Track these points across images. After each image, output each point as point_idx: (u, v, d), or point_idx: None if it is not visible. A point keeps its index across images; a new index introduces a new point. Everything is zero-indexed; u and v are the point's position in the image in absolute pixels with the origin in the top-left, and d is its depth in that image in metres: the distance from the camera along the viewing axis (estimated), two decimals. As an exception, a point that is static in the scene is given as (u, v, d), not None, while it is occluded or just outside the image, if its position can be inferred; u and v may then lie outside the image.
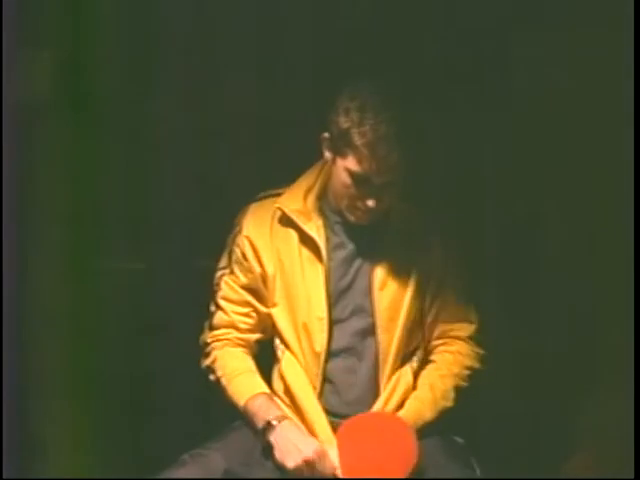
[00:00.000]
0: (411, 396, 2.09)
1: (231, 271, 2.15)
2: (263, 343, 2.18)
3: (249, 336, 2.16)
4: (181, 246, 2.53)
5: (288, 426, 2.02)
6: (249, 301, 2.14)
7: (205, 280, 2.20)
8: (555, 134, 2.43)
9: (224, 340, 2.16)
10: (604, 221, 2.36)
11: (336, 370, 2.10)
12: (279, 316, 2.12)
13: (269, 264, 2.11)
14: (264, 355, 2.18)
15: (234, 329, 2.15)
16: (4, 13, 2.01)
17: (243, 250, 2.13)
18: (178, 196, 2.52)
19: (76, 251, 2.33)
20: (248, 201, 2.18)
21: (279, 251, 2.11)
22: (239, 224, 2.15)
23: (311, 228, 2.09)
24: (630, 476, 1.98)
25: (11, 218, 2.06)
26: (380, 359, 2.09)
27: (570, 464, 2.29)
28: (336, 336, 2.09)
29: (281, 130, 2.50)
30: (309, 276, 2.09)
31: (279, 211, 2.12)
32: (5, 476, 2.00)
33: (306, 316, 2.08)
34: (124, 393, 2.42)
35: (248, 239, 2.12)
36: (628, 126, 2.08)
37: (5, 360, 2.04)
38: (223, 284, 2.16)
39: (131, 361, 2.44)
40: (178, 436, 2.20)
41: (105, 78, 2.39)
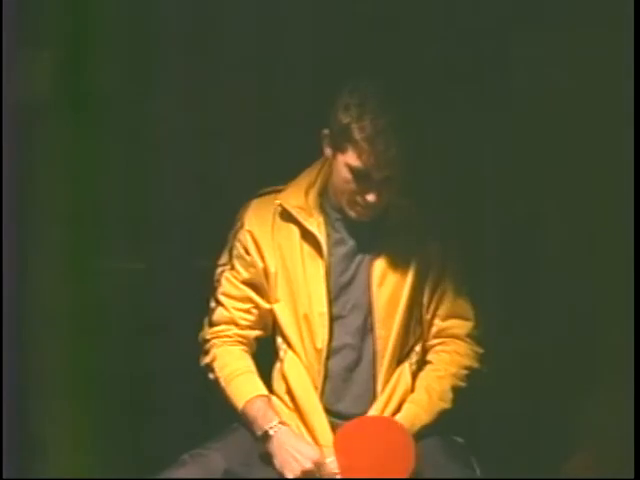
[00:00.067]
0: (408, 399, 2.09)
1: (232, 267, 2.15)
2: (263, 343, 2.18)
3: (249, 333, 2.16)
4: (181, 246, 2.53)
5: (286, 434, 2.01)
6: (250, 297, 2.14)
7: (205, 280, 2.20)
8: (555, 134, 2.43)
9: (224, 337, 2.15)
10: (604, 221, 2.36)
11: (337, 367, 2.10)
12: (281, 312, 2.12)
13: (271, 259, 2.11)
14: (264, 355, 2.18)
15: (234, 325, 2.15)
16: (4, 13, 2.01)
17: (245, 245, 2.13)
18: (178, 196, 2.52)
19: (76, 251, 2.33)
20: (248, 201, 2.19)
21: (281, 247, 2.11)
22: (241, 219, 2.15)
23: (312, 224, 2.10)
24: (630, 476, 1.98)
25: (11, 218, 2.06)
26: (378, 356, 2.09)
27: (570, 464, 2.29)
28: (337, 333, 2.10)
29: (281, 130, 2.50)
30: (310, 272, 2.09)
31: (280, 207, 2.12)
32: (5, 476, 2.00)
33: (307, 312, 2.08)
34: (124, 393, 2.42)
35: (250, 234, 2.12)
36: (628, 126, 2.07)
37: (5, 360, 2.04)
38: (224, 280, 2.16)
39: (131, 361, 2.44)
40: (178, 436, 2.20)
41: (105, 78, 2.39)
